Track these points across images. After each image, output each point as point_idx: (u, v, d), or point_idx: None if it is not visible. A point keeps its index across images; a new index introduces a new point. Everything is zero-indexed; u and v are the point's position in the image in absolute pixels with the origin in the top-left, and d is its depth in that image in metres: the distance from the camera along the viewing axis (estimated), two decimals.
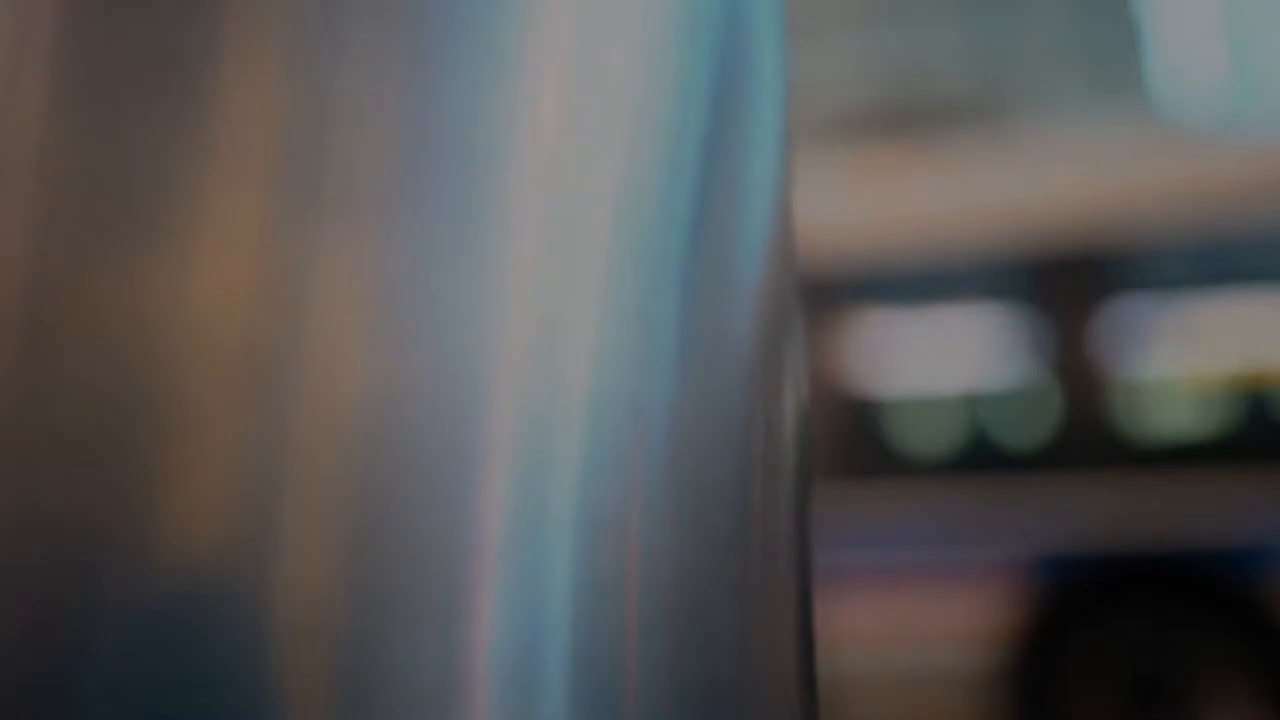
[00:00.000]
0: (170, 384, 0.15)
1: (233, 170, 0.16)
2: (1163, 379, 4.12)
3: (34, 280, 0.15)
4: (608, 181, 0.20)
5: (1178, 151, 4.21)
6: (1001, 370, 4.31)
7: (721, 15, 0.22)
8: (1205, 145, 4.21)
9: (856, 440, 4.40)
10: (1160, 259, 4.13)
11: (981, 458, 4.26)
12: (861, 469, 4.37)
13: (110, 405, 0.15)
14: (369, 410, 0.16)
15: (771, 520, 0.21)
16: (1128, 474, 4.10)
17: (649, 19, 0.21)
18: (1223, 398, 4.04)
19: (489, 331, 0.18)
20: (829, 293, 4.52)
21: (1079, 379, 4.18)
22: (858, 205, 4.52)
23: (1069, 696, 4.06)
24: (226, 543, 0.15)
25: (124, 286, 0.15)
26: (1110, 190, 4.22)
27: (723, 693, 0.19)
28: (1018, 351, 4.29)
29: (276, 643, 0.15)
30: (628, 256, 0.20)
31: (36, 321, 0.15)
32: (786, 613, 0.21)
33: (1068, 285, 4.24)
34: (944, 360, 4.37)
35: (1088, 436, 4.16)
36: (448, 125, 0.18)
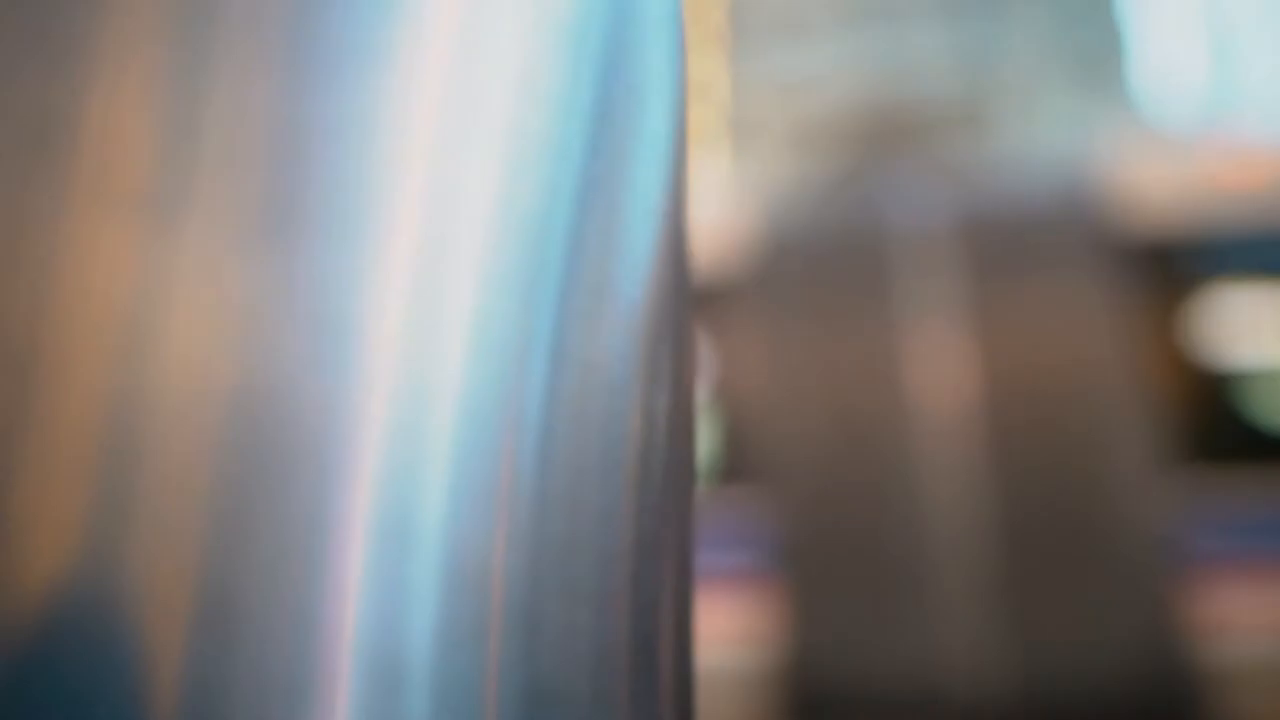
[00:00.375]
0: (24, 386, 0.16)
1: (99, 182, 0.17)
2: None
3: None
4: (484, 196, 0.20)
5: None
6: None
7: (606, 33, 0.23)
8: None
9: (1233, 424, 4.03)
10: None
11: None
12: (1241, 453, 4.00)
13: None
14: (230, 414, 0.17)
15: (642, 529, 0.22)
16: None
17: (530, 38, 0.21)
18: None
19: (358, 341, 0.18)
20: (1190, 264, 4.05)
21: None
22: (1210, 170, 4.11)
23: None
24: (76, 544, 0.15)
25: None
26: None
27: (580, 695, 0.20)
28: None
29: (124, 641, 0.15)
30: (503, 269, 0.20)
31: None
32: (655, 615, 0.21)
33: None
34: None
35: None
36: (322, 138, 0.18)
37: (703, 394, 3.96)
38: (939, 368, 3.96)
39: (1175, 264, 4.15)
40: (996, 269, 4.03)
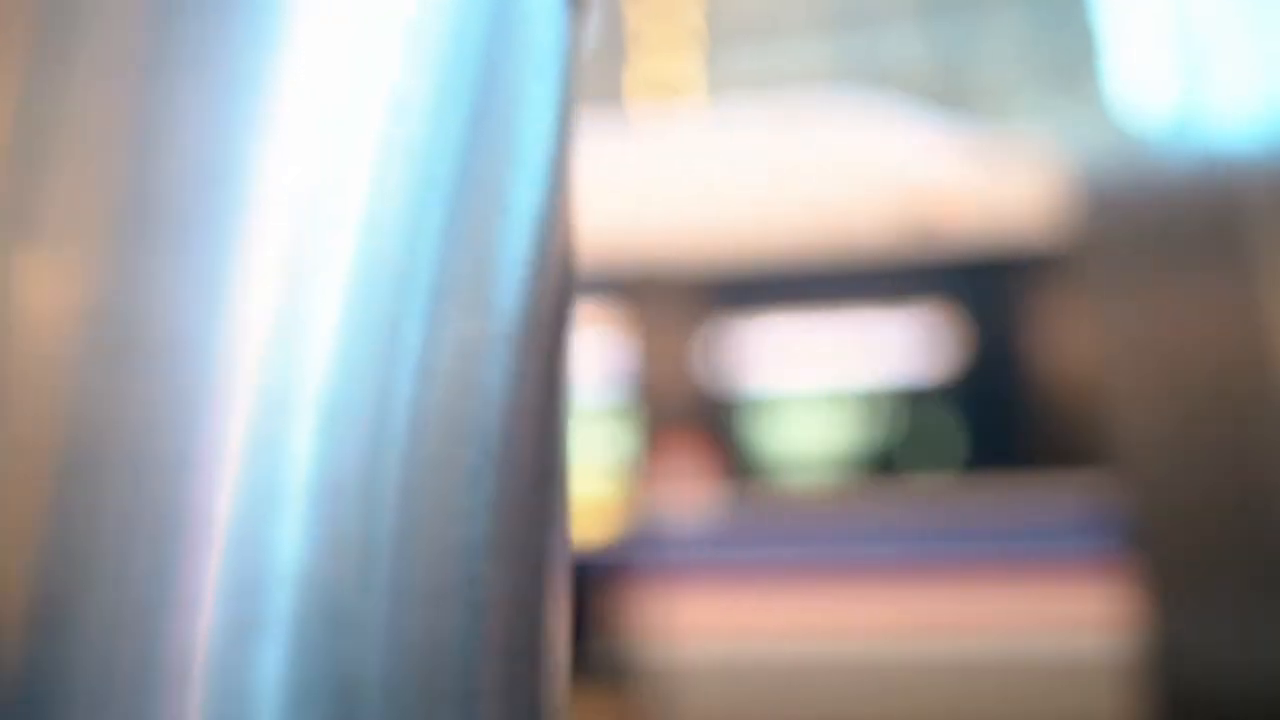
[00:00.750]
0: None
1: None
2: None
3: None
4: (350, 209, 0.20)
5: None
6: None
7: (482, 49, 0.23)
8: None
9: None
10: None
11: None
12: None
13: None
14: (77, 417, 0.17)
15: (506, 527, 0.22)
16: None
17: (401, 51, 0.22)
18: None
19: (218, 346, 0.18)
20: None
21: None
22: None
23: None
24: None
25: None
26: None
27: (436, 690, 0.20)
28: None
29: None
30: (371, 278, 0.21)
31: None
32: (490, 614, 0.22)
33: None
34: None
35: None
36: (183, 152, 0.18)
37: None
38: None
39: None
40: None
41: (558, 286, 0.26)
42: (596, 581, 3.51)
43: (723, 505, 3.44)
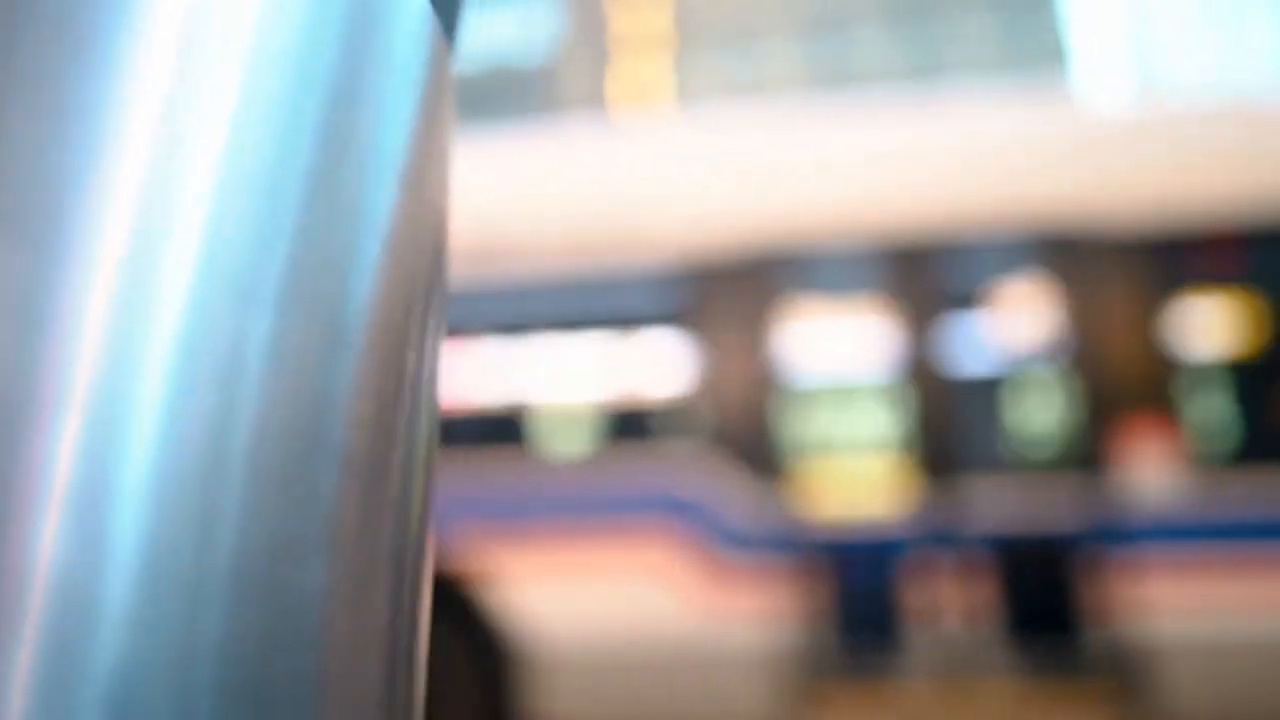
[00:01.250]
0: None
1: None
2: None
3: None
4: (193, 225, 0.20)
5: None
6: None
7: (337, 54, 0.23)
8: None
9: None
10: None
11: None
12: None
13: None
14: None
15: (341, 530, 0.22)
16: None
17: (248, 60, 0.21)
18: None
19: (38, 372, 0.18)
20: None
21: None
22: None
23: None
24: None
25: None
26: None
27: (265, 690, 0.20)
28: None
29: None
30: (212, 294, 0.20)
31: None
32: (366, 608, 0.22)
33: None
34: None
35: None
36: (19, 151, 0.18)
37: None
38: None
39: None
40: None
41: (415, 293, 0.26)
42: (1074, 569, 3.31)
43: (1190, 484, 3.22)
